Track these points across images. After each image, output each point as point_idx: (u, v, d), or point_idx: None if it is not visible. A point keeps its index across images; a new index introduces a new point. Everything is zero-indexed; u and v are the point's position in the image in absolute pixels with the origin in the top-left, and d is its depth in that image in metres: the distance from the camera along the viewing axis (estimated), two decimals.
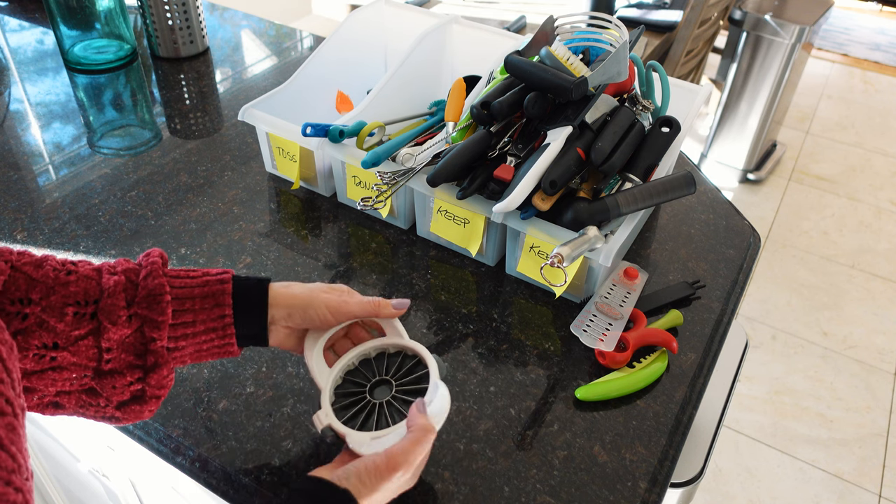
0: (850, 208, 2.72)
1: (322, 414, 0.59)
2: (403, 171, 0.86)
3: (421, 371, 0.62)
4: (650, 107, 0.91)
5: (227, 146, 1.11)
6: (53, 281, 0.54)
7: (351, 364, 0.64)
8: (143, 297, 0.55)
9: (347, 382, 0.63)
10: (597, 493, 0.66)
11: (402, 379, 0.63)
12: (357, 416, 0.60)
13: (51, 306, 0.53)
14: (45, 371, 0.52)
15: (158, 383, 0.56)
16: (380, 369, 0.64)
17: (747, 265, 0.94)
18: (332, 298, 0.62)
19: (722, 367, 0.97)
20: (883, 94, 3.56)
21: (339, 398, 0.62)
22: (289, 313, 0.61)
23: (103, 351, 0.54)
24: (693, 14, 2.08)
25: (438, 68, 1.14)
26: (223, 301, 0.58)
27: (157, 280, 0.56)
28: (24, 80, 1.28)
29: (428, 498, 0.65)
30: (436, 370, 0.61)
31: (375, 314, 0.64)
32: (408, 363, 0.64)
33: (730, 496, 1.73)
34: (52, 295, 0.53)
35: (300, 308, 0.61)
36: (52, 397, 0.54)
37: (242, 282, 0.60)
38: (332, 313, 0.62)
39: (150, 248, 0.60)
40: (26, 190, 1.01)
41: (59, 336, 0.52)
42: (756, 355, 2.08)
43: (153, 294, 0.55)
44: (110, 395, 0.55)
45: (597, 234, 0.76)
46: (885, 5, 4.50)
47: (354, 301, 0.63)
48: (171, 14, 1.30)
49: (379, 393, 0.62)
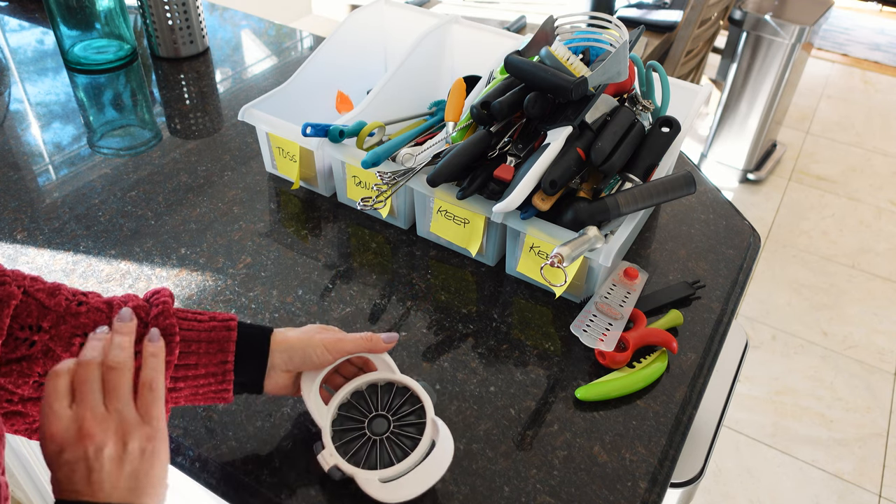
0: (850, 208, 2.72)
1: (327, 454, 0.61)
2: (403, 171, 0.86)
3: (415, 404, 0.64)
4: (650, 107, 0.91)
5: (227, 146, 1.11)
6: (65, 310, 0.54)
7: (345, 399, 0.66)
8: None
9: (344, 418, 0.65)
10: (597, 493, 0.66)
11: (398, 412, 0.64)
12: (360, 453, 0.62)
13: (59, 335, 0.53)
14: (42, 399, 0.53)
15: None
16: (374, 403, 0.65)
17: (747, 265, 0.94)
18: (328, 337, 0.64)
19: (722, 367, 0.97)
20: (883, 94, 3.56)
21: (337, 434, 0.63)
22: (289, 356, 0.63)
23: None
24: (693, 14, 2.08)
25: (438, 68, 1.14)
26: (227, 347, 0.60)
27: (169, 320, 0.57)
28: (24, 80, 1.28)
29: (428, 498, 0.65)
30: (430, 406, 0.63)
31: (369, 349, 0.65)
32: (400, 396, 0.65)
33: (730, 496, 1.73)
34: (63, 324, 0.54)
35: (300, 349, 0.63)
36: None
37: (247, 329, 0.62)
38: (329, 351, 0.63)
39: (160, 287, 0.61)
40: (26, 190, 1.01)
41: None
42: (756, 355, 2.08)
43: (163, 333, 0.56)
44: None
45: (597, 234, 0.76)
46: (885, 5, 4.50)
47: (349, 338, 0.65)
48: (171, 14, 1.30)
49: (377, 426, 0.64)
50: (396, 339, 0.66)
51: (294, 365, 0.63)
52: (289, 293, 0.85)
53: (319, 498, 0.64)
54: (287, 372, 0.64)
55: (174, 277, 0.87)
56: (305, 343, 0.63)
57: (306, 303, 0.84)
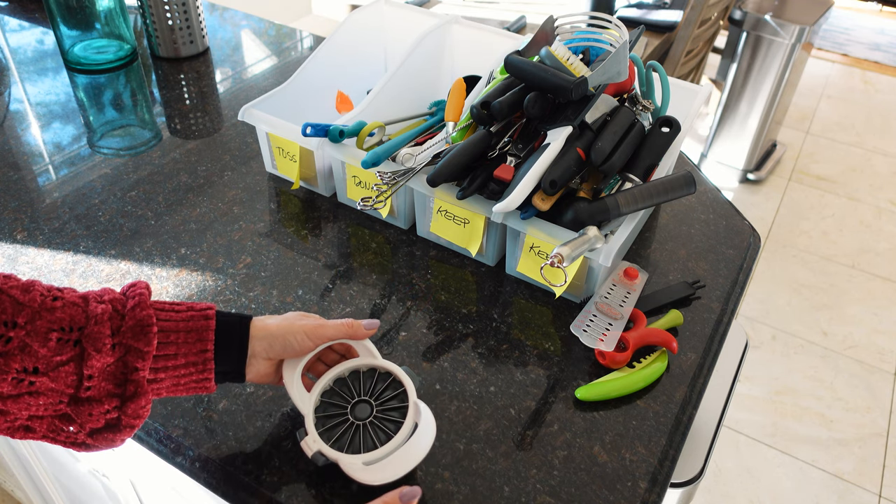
0: (850, 208, 2.72)
1: (310, 440, 0.61)
2: (403, 171, 0.86)
3: (397, 388, 0.65)
4: (650, 107, 0.91)
5: (227, 146, 1.11)
6: (40, 306, 0.54)
7: (327, 385, 0.66)
8: (129, 327, 0.56)
9: (327, 404, 0.64)
10: (597, 493, 0.66)
11: (381, 397, 0.64)
12: (343, 438, 0.62)
13: (35, 331, 0.53)
14: (22, 395, 0.53)
15: (135, 413, 0.57)
16: (356, 389, 0.65)
17: (747, 265, 0.94)
18: (309, 323, 0.64)
19: (722, 367, 0.97)
20: (883, 94, 3.56)
21: (321, 420, 0.63)
22: (269, 344, 0.63)
23: (84, 378, 0.54)
24: (693, 14, 2.08)
25: (438, 68, 1.14)
26: (206, 336, 0.60)
27: (146, 311, 0.57)
28: (24, 80, 1.28)
29: (428, 498, 0.65)
30: (412, 389, 0.63)
31: (350, 335, 0.66)
32: (382, 381, 0.65)
33: (730, 496, 1.73)
34: (38, 320, 0.53)
35: (280, 337, 0.63)
36: (24, 421, 0.55)
37: (225, 317, 0.62)
38: (310, 338, 0.64)
39: (136, 281, 0.61)
40: (26, 190, 1.01)
41: (41, 361, 0.53)
42: (756, 355, 2.08)
43: (141, 325, 0.56)
44: (84, 421, 0.55)
45: (597, 234, 0.76)
46: (885, 5, 4.50)
47: (330, 324, 0.65)
48: (171, 14, 1.30)
49: (360, 411, 0.63)
50: (377, 325, 0.67)
51: (275, 352, 0.63)
52: (289, 293, 0.85)
53: (320, 498, 0.64)
54: (268, 360, 0.64)
55: (174, 277, 0.87)
56: (286, 330, 0.63)
57: (306, 303, 0.84)
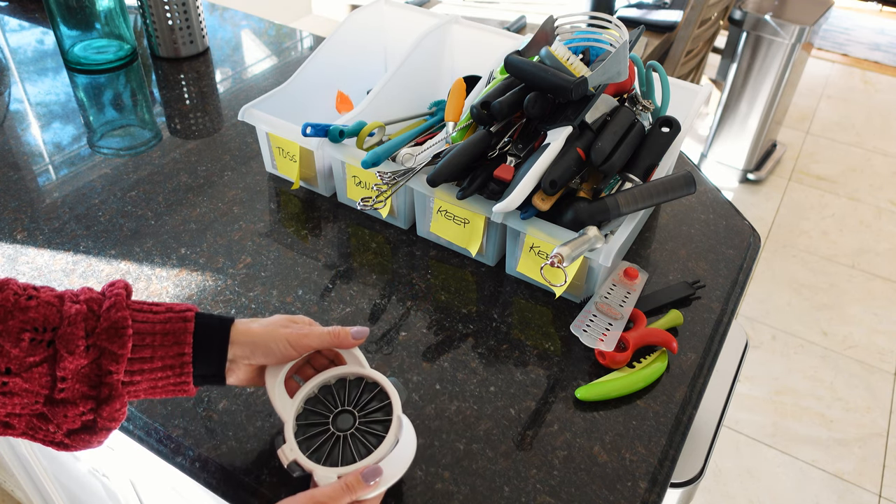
0: (850, 208, 2.72)
1: (287, 448, 0.59)
2: (403, 171, 0.86)
3: (383, 400, 0.63)
4: (650, 107, 0.91)
5: (227, 146, 1.11)
6: (13, 305, 0.53)
7: (311, 392, 0.64)
8: (103, 329, 0.55)
9: (309, 412, 0.63)
10: (597, 493, 0.66)
11: (365, 409, 0.62)
12: (322, 449, 0.60)
13: (7, 330, 0.52)
14: None
15: (110, 416, 0.56)
16: (341, 398, 0.63)
17: (747, 265, 0.94)
18: (292, 332, 0.62)
19: (722, 367, 0.97)
20: (883, 94, 3.56)
21: (301, 429, 0.61)
22: (251, 351, 0.61)
23: (57, 380, 0.53)
24: (693, 14, 2.08)
25: (438, 68, 1.14)
26: (183, 339, 0.58)
27: (121, 313, 0.56)
28: (24, 80, 1.28)
29: (428, 498, 0.65)
30: (398, 402, 0.61)
31: (336, 345, 0.64)
32: (368, 392, 0.64)
33: (730, 496, 1.73)
34: (11, 319, 0.52)
35: (262, 345, 0.61)
36: (2, 418, 0.54)
37: (205, 320, 0.60)
38: (293, 346, 0.62)
39: (115, 279, 0.60)
40: (26, 190, 1.01)
41: (13, 361, 0.52)
42: (756, 355, 2.08)
43: (115, 326, 0.55)
44: (61, 422, 0.55)
45: (597, 234, 0.76)
46: (885, 5, 4.50)
47: (315, 333, 0.63)
48: (171, 14, 1.30)
49: (342, 422, 0.62)
50: (366, 333, 0.65)
51: (256, 359, 0.62)
52: (289, 293, 0.85)
53: None
54: (250, 365, 0.62)
55: (174, 277, 0.87)
56: (268, 337, 0.61)
57: (306, 303, 0.84)
